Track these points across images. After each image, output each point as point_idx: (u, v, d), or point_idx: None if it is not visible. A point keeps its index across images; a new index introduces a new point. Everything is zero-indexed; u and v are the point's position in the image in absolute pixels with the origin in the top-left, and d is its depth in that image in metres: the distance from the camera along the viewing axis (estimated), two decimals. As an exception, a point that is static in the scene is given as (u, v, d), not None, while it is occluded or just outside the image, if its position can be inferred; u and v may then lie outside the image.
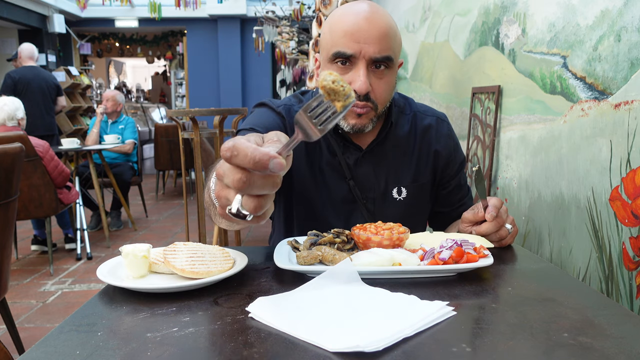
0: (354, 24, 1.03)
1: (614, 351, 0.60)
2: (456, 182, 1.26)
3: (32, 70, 5.17)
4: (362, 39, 1.02)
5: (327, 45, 1.07)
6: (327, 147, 1.18)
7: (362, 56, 1.03)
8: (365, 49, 1.02)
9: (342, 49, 1.03)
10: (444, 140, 1.22)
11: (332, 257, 0.90)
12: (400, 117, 1.22)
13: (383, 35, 1.03)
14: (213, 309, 0.74)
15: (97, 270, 0.85)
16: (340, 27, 1.05)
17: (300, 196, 1.19)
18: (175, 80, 11.07)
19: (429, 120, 1.23)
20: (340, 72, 1.05)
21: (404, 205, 1.19)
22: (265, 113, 1.19)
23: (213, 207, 0.73)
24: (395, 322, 0.66)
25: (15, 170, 1.91)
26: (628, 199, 1.01)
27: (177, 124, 3.12)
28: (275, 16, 5.89)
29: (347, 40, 1.03)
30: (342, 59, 1.05)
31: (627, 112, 1.01)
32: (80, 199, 3.87)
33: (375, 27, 1.03)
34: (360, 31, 1.02)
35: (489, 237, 1.02)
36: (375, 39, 1.02)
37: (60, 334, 0.67)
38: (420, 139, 1.21)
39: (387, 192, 1.18)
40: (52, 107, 5.37)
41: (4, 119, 3.39)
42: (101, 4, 8.57)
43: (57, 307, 2.89)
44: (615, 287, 1.06)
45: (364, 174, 1.17)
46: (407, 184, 1.19)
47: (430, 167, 1.21)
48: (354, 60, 1.04)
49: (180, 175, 7.23)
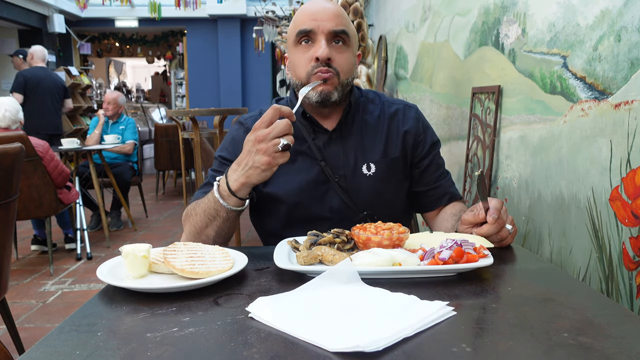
0: (311, 8, 1.21)
1: (614, 351, 0.60)
2: (428, 162, 1.32)
3: (43, 71, 5.36)
4: (319, 17, 1.19)
5: (292, 31, 1.23)
6: (295, 137, 1.23)
7: (320, 31, 1.18)
8: (322, 24, 1.18)
9: (303, 27, 1.19)
10: (411, 122, 1.32)
11: (332, 257, 0.90)
12: (369, 105, 1.34)
13: (337, 13, 1.20)
14: (213, 309, 0.74)
15: (97, 270, 0.85)
16: (300, 12, 1.23)
17: (276, 192, 1.25)
18: (175, 80, 11.07)
19: (397, 107, 1.34)
20: (304, 52, 1.20)
21: (374, 180, 1.26)
22: (235, 133, 1.31)
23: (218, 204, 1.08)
24: (395, 322, 0.66)
25: (15, 170, 1.91)
26: (628, 199, 1.01)
27: (177, 124, 3.12)
28: (275, 16, 5.90)
29: (307, 19, 1.19)
30: (304, 37, 1.20)
31: (627, 112, 1.01)
32: (80, 199, 3.87)
33: (330, 8, 1.21)
34: (317, 12, 1.19)
35: (490, 238, 1.02)
36: (331, 16, 1.19)
37: (60, 334, 0.67)
38: (388, 121, 1.31)
39: (357, 168, 1.26)
40: (60, 107, 5.50)
41: (8, 124, 3.39)
42: (101, 4, 8.57)
43: (57, 307, 2.89)
44: (615, 287, 1.06)
45: (333, 154, 1.25)
46: (376, 159, 1.27)
47: (400, 145, 1.29)
48: (314, 37, 1.19)
49: (180, 175, 7.23)
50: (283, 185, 1.24)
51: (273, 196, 1.25)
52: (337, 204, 1.24)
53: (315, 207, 1.24)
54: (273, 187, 1.24)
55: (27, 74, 5.21)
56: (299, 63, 1.21)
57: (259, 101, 9.21)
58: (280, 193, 1.24)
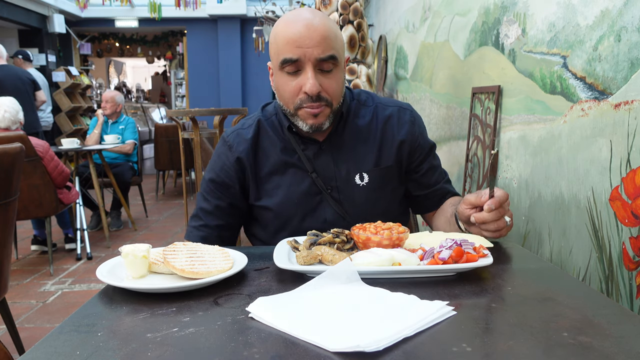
0: (294, 33, 1.09)
1: (613, 351, 0.60)
2: (427, 166, 1.30)
3: (3, 68, 5.01)
4: (304, 44, 1.09)
5: (275, 54, 1.14)
6: (281, 149, 1.23)
7: (307, 59, 1.09)
8: (308, 52, 1.09)
9: (288, 55, 1.10)
10: (406, 127, 1.26)
11: (331, 257, 0.90)
12: (361, 108, 1.27)
13: (323, 38, 1.10)
14: (213, 309, 0.74)
15: (96, 271, 0.85)
16: (283, 36, 1.11)
17: (268, 205, 1.23)
18: (175, 80, 11.06)
19: (391, 110, 1.28)
20: (289, 79, 1.12)
21: (367, 190, 1.23)
22: (220, 154, 1.27)
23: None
24: (395, 322, 0.66)
25: (15, 170, 1.91)
26: (628, 199, 1.01)
27: (177, 124, 3.12)
28: (275, 16, 5.89)
29: (291, 47, 1.09)
30: (289, 65, 1.10)
31: (627, 112, 1.01)
32: (80, 199, 3.87)
33: (316, 32, 1.09)
34: (301, 38, 1.09)
35: (487, 225, 1.03)
36: (316, 42, 1.09)
37: (60, 334, 0.67)
38: (382, 127, 1.26)
39: (350, 179, 1.23)
40: (32, 103, 5.18)
41: (8, 125, 3.39)
42: (101, 4, 8.56)
43: (57, 307, 2.89)
44: (615, 287, 1.06)
45: (324, 165, 1.22)
46: (368, 169, 1.24)
47: (394, 153, 1.25)
48: (300, 65, 1.10)
49: (180, 175, 7.23)
50: (275, 197, 1.22)
51: (265, 209, 1.23)
52: (330, 215, 1.22)
53: (309, 219, 1.22)
54: (265, 200, 1.23)
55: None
56: (285, 90, 1.14)
57: (259, 101, 9.20)
58: (272, 206, 1.22)
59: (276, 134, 1.25)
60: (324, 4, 3.44)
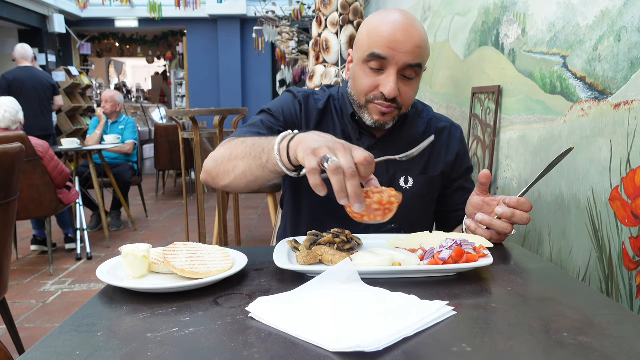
0: (391, 33, 1.10)
1: (614, 351, 0.60)
2: (459, 185, 1.32)
3: (27, 70, 5.14)
4: (397, 47, 1.10)
5: (364, 46, 1.14)
6: (341, 133, 1.25)
7: (395, 62, 1.11)
8: (398, 56, 1.10)
9: (378, 51, 1.10)
10: (455, 142, 1.31)
11: (331, 257, 0.90)
12: (417, 119, 1.31)
13: (417, 46, 1.12)
14: (213, 309, 0.74)
15: (96, 271, 0.85)
16: (378, 32, 1.12)
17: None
18: (175, 80, 11.07)
19: (444, 124, 1.33)
20: (370, 74, 1.14)
21: (410, 194, 1.24)
22: (286, 98, 1.29)
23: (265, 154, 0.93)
24: (395, 322, 0.66)
25: (15, 170, 1.91)
26: (628, 199, 1.01)
27: (177, 124, 3.12)
28: (275, 16, 5.90)
29: (383, 44, 1.10)
30: (375, 61, 1.12)
31: (627, 112, 1.01)
32: (80, 199, 3.87)
33: (412, 40, 1.11)
34: (396, 41, 1.10)
35: (494, 224, 1.04)
36: (409, 49, 1.10)
37: (60, 334, 0.67)
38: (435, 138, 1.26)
39: (395, 179, 1.25)
40: (49, 107, 5.35)
41: (8, 125, 3.39)
42: (101, 4, 8.57)
43: (57, 307, 2.89)
44: (615, 287, 1.06)
45: None
46: (415, 175, 1.26)
47: (441, 165, 1.29)
48: (386, 65, 1.12)
49: (180, 175, 7.23)
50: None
51: (307, 193, 1.22)
52: None
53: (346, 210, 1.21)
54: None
55: (10, 76, 5.05)
56: (363, 83, 1.15)
57: (259, 101, 9.20)
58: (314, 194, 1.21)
59: (338, 117, 1.27)
60: (324, 4, 3.44)
